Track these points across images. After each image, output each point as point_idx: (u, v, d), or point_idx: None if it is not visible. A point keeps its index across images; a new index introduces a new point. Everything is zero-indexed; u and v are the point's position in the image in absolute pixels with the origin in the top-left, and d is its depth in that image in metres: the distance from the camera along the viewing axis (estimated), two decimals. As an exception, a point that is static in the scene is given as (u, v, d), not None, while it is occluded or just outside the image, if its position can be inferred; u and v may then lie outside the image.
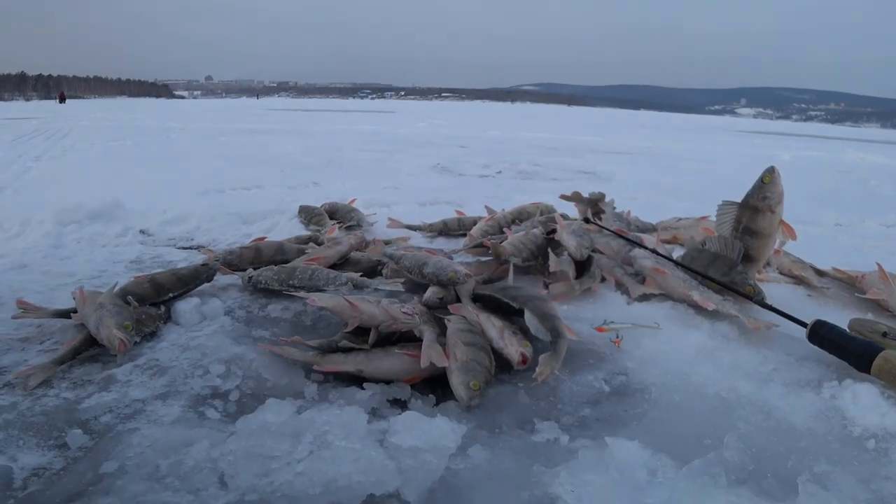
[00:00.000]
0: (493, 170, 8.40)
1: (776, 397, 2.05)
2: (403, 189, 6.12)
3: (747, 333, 2.53)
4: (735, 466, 1.67)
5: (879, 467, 1.74)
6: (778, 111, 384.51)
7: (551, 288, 2.82)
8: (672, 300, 2.80)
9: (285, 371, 2.17)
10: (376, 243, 3.38)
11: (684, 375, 2.16)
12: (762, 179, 2.89)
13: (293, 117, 23.11)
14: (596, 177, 8.38)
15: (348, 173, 7.34)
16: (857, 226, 5.97)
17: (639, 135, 21.43)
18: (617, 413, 1.95)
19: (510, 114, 37.28)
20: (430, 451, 1.64)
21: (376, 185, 6.24)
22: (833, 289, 3.21)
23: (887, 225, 6.12)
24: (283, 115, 24.96)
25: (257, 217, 4.63)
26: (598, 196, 4.11)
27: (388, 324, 2.28)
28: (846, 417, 1.96)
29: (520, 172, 8.29)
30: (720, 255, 2.92)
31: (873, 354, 2.14)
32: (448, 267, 2.66)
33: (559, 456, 1.69)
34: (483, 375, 2.00)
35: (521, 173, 8.23)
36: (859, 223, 6.09)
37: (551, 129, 20.20)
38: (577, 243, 2.93)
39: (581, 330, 2.42)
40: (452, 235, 4.05)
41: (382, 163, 8.54)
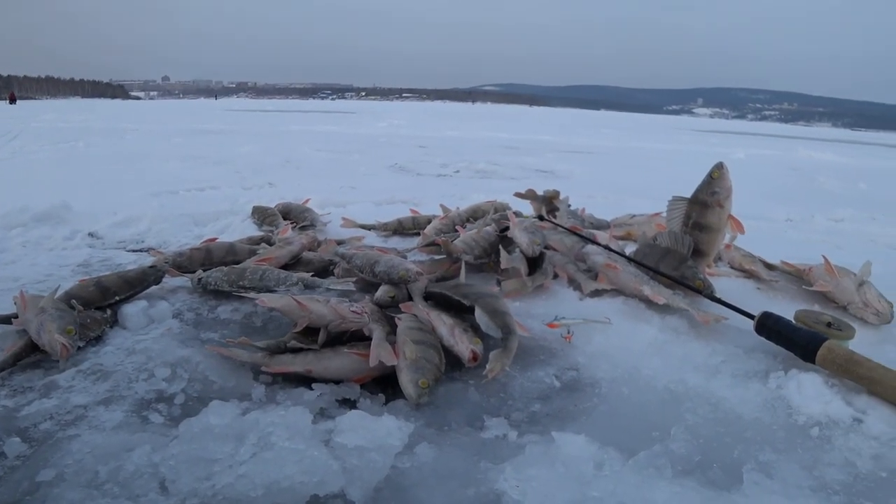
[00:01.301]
0: (451, 169, 8.40)
1: (724, 388, 2.08)
2: (360, 189, 6.08)
3: (697, 327, 2.55)
4: (682, 457, 1.69)
5: (822, 454, 1.77)
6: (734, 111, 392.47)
7: (503, 285, 2.81)
8: (624, 295, 2.82)
9: (233, 373, 2.12)
10: (328, 243, 3.34)
11: (634, 369, 2.18)
12: (711, 175, 2.93)
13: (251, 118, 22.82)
14: (554, 176, 8.43)
15: (305, 174, 7.27)
16: (806, 221, 6.11)
17: (598, 134, 21.65)
18: (567, 408, 1.95)
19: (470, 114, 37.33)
20: (376, 450, 1.63)
21: (332, 185, 6.19)
22: (781, 282, 3.27)
23: (835, 220, 6.27)
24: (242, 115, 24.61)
25: (210, 218, 4.54)
26: (553, 194, 4.12)
27: (337, 323, 2.26)
28: (791, 406, 1.99)
29: (478, 172, 8.30)
30: (671, 249, 2.95)
31: (818, 344, 2.18)
32: (399, 265, 2.64)
33: (507, 452, 1.68)
34: (432, 373, 1.99)
35: (479, 172, 8.24)
36: (809, 218, 6.23)
37: (511, 129, 20.28)
38: (528, 240, 2.93)
39: (532, 326, 2.42)
40: (407, 234, 4.03)
41: (339, 163, 8.48)
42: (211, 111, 28.12)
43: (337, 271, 3.01)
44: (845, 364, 2.11)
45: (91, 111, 25.62)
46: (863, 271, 2.99)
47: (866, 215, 6.66)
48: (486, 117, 32.65)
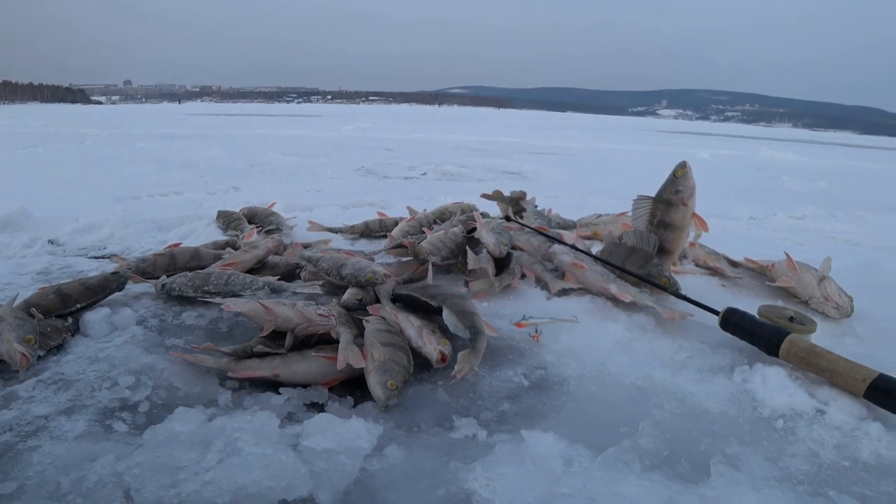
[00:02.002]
0: (418, 171, 8.39)
1: (690, 383, 2.10)
2: (326, 192, 6.04)
3: (663, 323, 2.58)
4: (649, 452, 1.70)
5: (787, 445, 1.80)
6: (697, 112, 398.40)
7: (471, 286, 2.81)
8: (591, 294, 2.84)
9: (198, 379, 2.09)
10: (294, 246, 3.31)
11: (602, 366, 2.19)
12: (674, 174, 2.96)
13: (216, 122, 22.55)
14: (521, 177, 8.47)
15: (270, 178, 7.20)
16: (769, 219, 6.22)
17: (564, 136, 21.81)
18: (536, 406, 1.96)
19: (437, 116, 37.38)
20: (344, 453, 1.61)
21: (298, 189, 6.15)
22: (745, 278, 3.33)
23: (797, 217, 6.40)
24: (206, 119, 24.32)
25: (174, 223, 4.47)
26: (520, 194, 4.14)
27: (303, 326, 2.23)
28: (756, 400, 2.03)
29: (445, 174, 8.31)
30: (636, 248, 2.98)
31: (781, 338, 2.22)
32: (366, 268, 2.63)
33: (476, 451, 1.68)
34: (401, 375, 1.98)
35: (446, 174, 8.25)
36: (771, 216, 6.35)
37: (478, 132, 20.36)
38: (495, 241, 2.94)
39: (501, 326, 2.43)
40: (374, 237, 4.02)
41: (306, 166, 8.41)
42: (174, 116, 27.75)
43: (303, 275, 2.98)
44: (808, 357, 2.14)
45: (50, 116, 25.14)
46: (823, 267, 3.05)
47: (826, 213, 6.81)
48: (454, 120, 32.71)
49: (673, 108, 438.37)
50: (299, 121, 24.28)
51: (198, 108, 42.81)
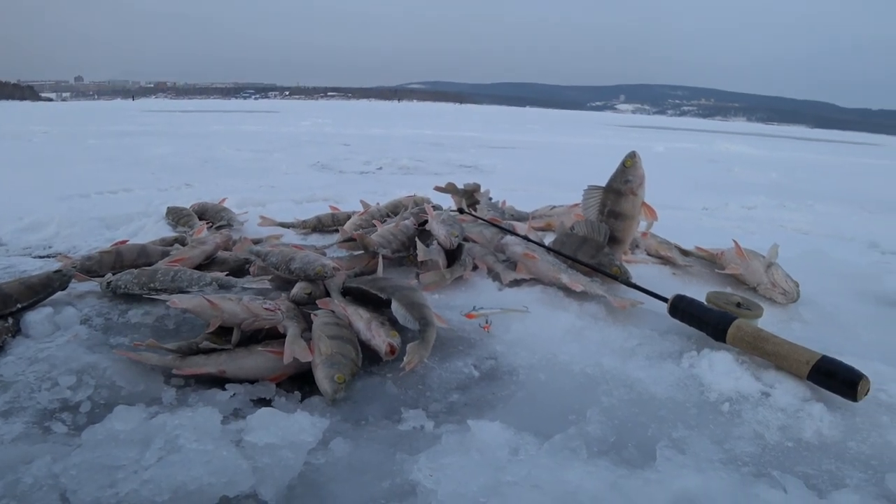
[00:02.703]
0: (374, 166, 8.33)
1: (638, 370, 2.12)
2: (280, 187, 5.96)
3: (614, 312, 2.60)
4: (597, 438, 1.71)
5: (733, 428, 1.82)
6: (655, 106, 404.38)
7: (421, 278, 2.80)
8: (542, 284, 2.85)
9: (142, 377, 2.03)
10: (243, 241, 3.25)
11: (552, 355, 2.20)
12: (624, 164, 2.99)
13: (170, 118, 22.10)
14: (478, 170, 8.47)
15: (224, 174, 7.07)
16: (721, 209, 6.33)
17: (523, 130, 21.93)
18: (485, 396, 1.95)
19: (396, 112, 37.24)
20: (288, 448, 1.58)
21: (252, 185, 6.05)
22: (696, 266, 3.37)
23: (748, 207, 6.53)
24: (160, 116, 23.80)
25: (122, 221, 4.36)
26: (474, 187, 4.14)
27: (250, 321, 2.20)
28: (703, 384, 2.05)
29: (401, 168, 8.26)
30: (588, 238, 3.00)
31: (728, 324, 2.25)
32: (315, 261, 2.59)
33: (423, 443, 1.66)
34: (349, 368, 1.96)
35: (402, 169, 8.20)
36: (723, 206, 6.45)
37: (436, 126, 20.33)
38: (446, 232, 2.92)
39: (451, 317, 2.42)
40: (327, 231, 3.97)
41: (260, 162, 8.29)
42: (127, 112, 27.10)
43: (252, 270, 2.94)
44: (753, 341, 2.18)
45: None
46: (771, 254, 3.10)
47: (777, 203, 6.95)
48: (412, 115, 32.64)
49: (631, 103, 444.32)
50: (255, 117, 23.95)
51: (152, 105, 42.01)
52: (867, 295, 3.26)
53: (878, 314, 3.01)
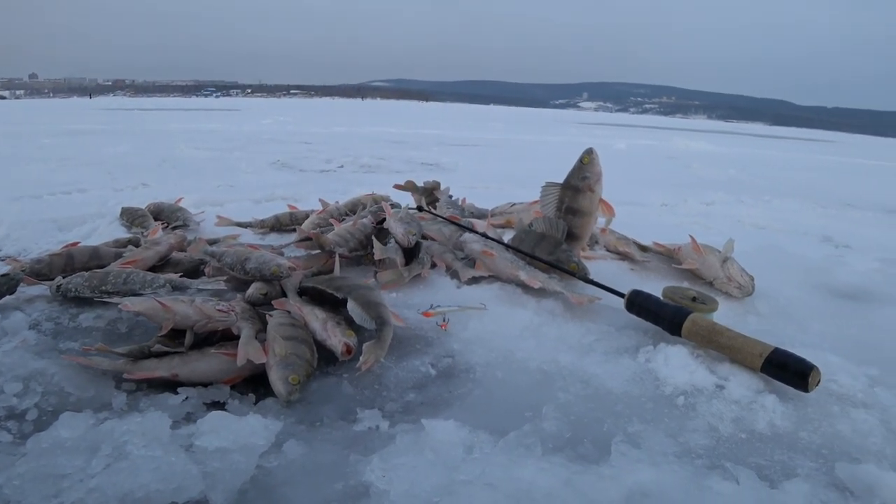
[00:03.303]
0: (336, 164, 8.25)
1: (595, 365, 2.13)
2: (239, 187, 5.86)
3: (572, 308, 2.61)
4: (552, 435, 1.70)
5: (687, 421, 1.84)
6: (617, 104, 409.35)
7: (379, 276, 2.78)
8: (501, 281, 2.85)
9: (92, 383, 1.97)
10: (198, 242, 3.19)
11: (509, 352, 2.19)
12: (581, 160, 3.01)
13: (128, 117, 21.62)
14: (440, 168, 8.45)
15: (182, 173, 6.93)
16: (680, 205, 6.40)
17: (485, 128, 21.95)
18: (441, 395, 1.94)
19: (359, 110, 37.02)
20: (239, 451, 1.55)
21: (210, 184, 5.93)
22: (654, 262, 3.41)
23: (706, 203, 6.62)
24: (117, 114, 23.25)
25: (75, 222, 4.24)
26: (433, 184, 4.13)
27: (203, 323, 2.15)
28: (658, 378, 2.07)
29: (362, 166, 8.18)
30: (546, 235, 3.01)
31: (683, 318, 2.27)
32: (270, 261, 2.55)
33: (377, 443, 1.64)
34: (303, 369, 1.93)
35: (364, 167, 8.13)
36: (682, 203, 6.53)
37: (399, 124, 20.24)
38: (404, 230, 2.90)
39: (409, 316, 2.40)
40: (285, 230, 3.92)
41: (219, 161, 8.13)
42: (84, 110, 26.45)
43: (207, 270, 2.88)
44: (708, 335, 2.21)
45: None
46: (726, 248, 3.14)
47: (734, 198, 7.06)
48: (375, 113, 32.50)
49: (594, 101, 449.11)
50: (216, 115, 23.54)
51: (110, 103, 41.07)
52: (820, 288, 3.32)
53: (830, 306, 3.07)
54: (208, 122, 18.03)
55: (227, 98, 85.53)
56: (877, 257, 4.12)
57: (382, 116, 27.58)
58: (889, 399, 2.05)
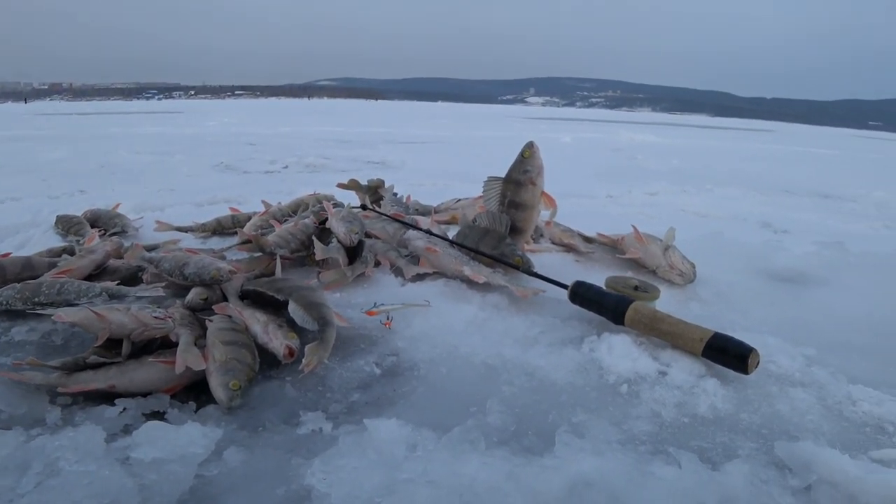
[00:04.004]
0: (280, 165, 8.12)
1: (539, 357, 2.14)
2: (180, 190, 5.72)
3: (517, 302, 2.62)
4: (497, 429, 1.70)
5: (631, 408, 1.86)
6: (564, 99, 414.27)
7: (321, 276, 2.74)
8: (445, 277, 2.84)
9: (24, 399, 1.89)
10: (135, 248, 3.10)
11: (453, 348, 2.19)
12: (522, 154, 3.01)
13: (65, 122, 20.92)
14: (386, 166, 8.40)
15: (121, 178, 6.72)
16: (624, 196, 6.50)
17: (433, 125, 21.93)
18: (386, 394, 1.92)
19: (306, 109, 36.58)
20: (177, 461, 1.51)
21: (150, 189, 5.77)
22: (598, 253, 3.45)
23: (650, 193, 6.73)
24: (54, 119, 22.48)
25: (8, 232, 4.08)
26: (377, 183, 4.10)
27: (139, 332, 2.08)
28: (602, 367, 2.09)
29: (307, 166, 8.07)
30: (489, 229, 3.01)
31: (625, 307, 2.30)
32: (210, 265, 2.49)
33: (320, 446, 1.61)
34: (244, 374, 1.88)
35: (309, 167, 8.02)
36: (627, 194, 6.63)
37: (346, 123, 20.08)
38: (346, 229, 2.86)
39: (352, 316, 2.38)
40: (227, 234, 3.84)
41: (160, 165, 7.92)
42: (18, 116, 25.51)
43: (145, 277, 2.80)
44: (650, 322, 2.23)
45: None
46: (667, 237, 3.19)
47: (678, 188, 7.20)
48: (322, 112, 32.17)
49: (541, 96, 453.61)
50: (158, 118, 22.97)
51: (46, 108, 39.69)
52: (759, 272, 3.41)
53: (769, 290, 3.15)
54: (150, 125, 17.57)
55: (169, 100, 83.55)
56: (813, 241, 4.25)
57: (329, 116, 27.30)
58: (825, 377, 2.11)
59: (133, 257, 2.95)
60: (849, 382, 2.07)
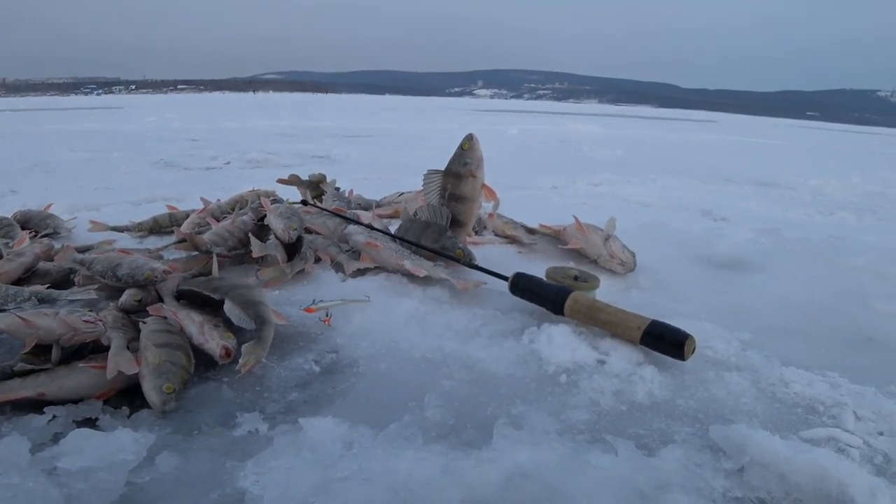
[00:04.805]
0: (222, 161, 7.97)
1: (479, 350, 2.13)
2: (117, 189, 5.55)
3: (459, 295, 2.62)
4: (435, 423, 1.70)
5: (569, 398, 1.87)
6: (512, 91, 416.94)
7: (260, 274, 2.69)
8: (386, 272, 2.83)
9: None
10: (66, 250, 2.99)
11: (393, 343, 2.18)
12: (461, 147, 3.01)
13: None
14: (330, 160, 8.32)
15: (55, 177, 6.50)
16: (569, 187, 6.57)
17: (380, 118, 21.84)
18: (325, 392, 1.89)
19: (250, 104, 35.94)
20: (106, 469, 1.46)
21: (86, 188, 5.59)
22: (541, 244, 3.47)
23: (594, 184, 6.82)
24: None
25: (-69, 239, 3.92)
26: (319, 177, 4.06)
27: (69, 336, 2.01)
28: (542, 358, 2.10)
29: (249, 162, 7.93)
30: (430, 222, 3.00)
31: (565, 297, 2.32)
32: (143, 266, 2.42)
33: (255, 447, 1.58)
34: (179, 376, 1.83)
35: (251, 162, 7.88)
36: (571, 184, 6.71)
37: (291, 117, 19.79)
38: (284, 226, 2.81)
39: (291, 313, 2.34)
40: (164, 233, 3.73)
41: (97, 163, 7.67)
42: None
43: (77, 280, 2.71)
44: (589, 312, 2.26)
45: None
46: (608, 227, 3.23)
47: (622, 178, 7.31)
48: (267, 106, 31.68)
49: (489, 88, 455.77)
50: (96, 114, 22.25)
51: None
52: (699, 259, 3.48)
53: (708, 277, 3.23)
54: (87, 121, 17.03)
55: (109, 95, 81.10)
56: (751, 227, 4.37)
57: (274, 110, 26.87)
58: (759, 361, 2.17)
59: (64, 259, 2.85)
60: (782, 365, 2.13)
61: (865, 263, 3.53)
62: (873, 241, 4.35)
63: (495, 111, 36.06)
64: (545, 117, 28.44)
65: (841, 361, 2.22)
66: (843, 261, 3.60)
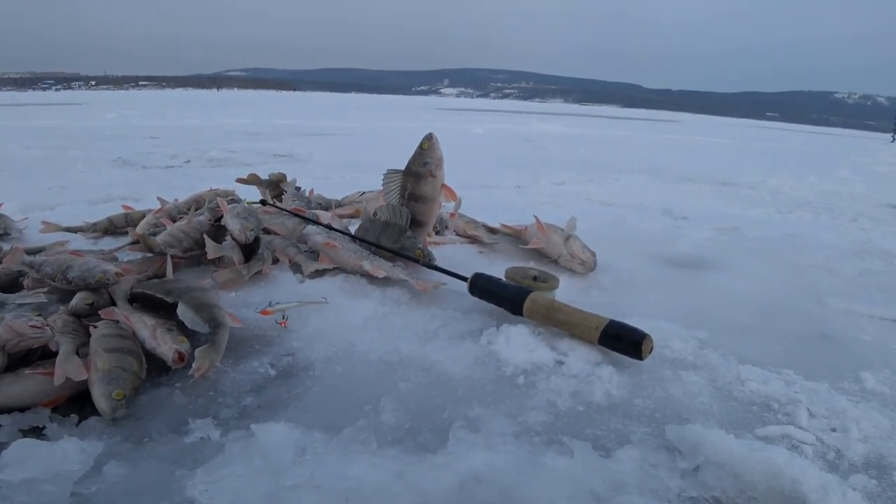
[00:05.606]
0: (182, 159, 7.81)
1: (437, 352, 2.12)
2: (72, 188, 5.40)
3: (418, 296, 2.60)
4: (391, 427, 1.68)
5: (527, 399, 1.87)
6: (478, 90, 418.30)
7: (215, 276, 2.64)
8: (345, 273, 2.80)
9: None
10: (14, 251, 2.91)
11: (350, 345, 2.15)
12: (421, 146, 3.00)
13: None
14: (293, 159, 8.22)
15: (8, 175, 6.30)
16: (532, 186, 6.59)
17: (344, 116, 21.69)
18: (280, 396, 1.86)
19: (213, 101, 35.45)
20: (50, 481, 1.41)
21: (40, 187, 5.44)
22: (502, 244, 3.48)
23: (557, 183, 6.85)
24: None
25: None
26: (279, 177, 4.01)
27: (14, 342, 1.94)
28: (500, 359, 2.09)
29: (210, 160, 7.78)
30: (390, 223, 2.98)
31: (524, 297, 2.32)
32: (95, 268, 2.35)
33: (207, 454, 1.54)
34: (129, 382, 1.78)
35: (212, 161, 7.74)
36: (535, 184, 6.73)
37: (254, 115, 19.54)
38: (241, 226, 2.76)
39: (247, 315, 2.30)
40: (120, 233, 3.65)
41: (53, 161, 7.45)
42: None
43: (26, 283, 2.62)
44: (547, 312, 2.26)
45: None
46: (569, 226, 3.24)
47: (584, 178, 7.36)
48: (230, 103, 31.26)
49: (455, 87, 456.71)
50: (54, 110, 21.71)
51: (-73, 102, 37.11)
52: (658, 258, 3.52)
53: (667, 276, 3.26)
54: (44, 117, 16.61)
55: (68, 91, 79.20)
56: (711, 227, 4.43)
57: (237, 107, 26.54)
58: (716, 359, 2.20)
59: (12, 261, 2.76)
60: (738, 363, 2.16)
61: (821, 261, 3.61)
62: (829, 238, 4.46)
63: (461, 110, 36.08)
64: (510, 116, 28.54)
65: (796, 358, 2.26)
66: (799, 258, 3.68)
